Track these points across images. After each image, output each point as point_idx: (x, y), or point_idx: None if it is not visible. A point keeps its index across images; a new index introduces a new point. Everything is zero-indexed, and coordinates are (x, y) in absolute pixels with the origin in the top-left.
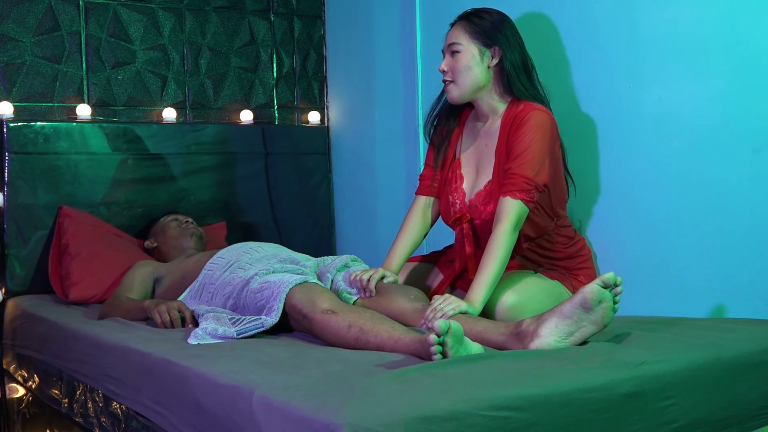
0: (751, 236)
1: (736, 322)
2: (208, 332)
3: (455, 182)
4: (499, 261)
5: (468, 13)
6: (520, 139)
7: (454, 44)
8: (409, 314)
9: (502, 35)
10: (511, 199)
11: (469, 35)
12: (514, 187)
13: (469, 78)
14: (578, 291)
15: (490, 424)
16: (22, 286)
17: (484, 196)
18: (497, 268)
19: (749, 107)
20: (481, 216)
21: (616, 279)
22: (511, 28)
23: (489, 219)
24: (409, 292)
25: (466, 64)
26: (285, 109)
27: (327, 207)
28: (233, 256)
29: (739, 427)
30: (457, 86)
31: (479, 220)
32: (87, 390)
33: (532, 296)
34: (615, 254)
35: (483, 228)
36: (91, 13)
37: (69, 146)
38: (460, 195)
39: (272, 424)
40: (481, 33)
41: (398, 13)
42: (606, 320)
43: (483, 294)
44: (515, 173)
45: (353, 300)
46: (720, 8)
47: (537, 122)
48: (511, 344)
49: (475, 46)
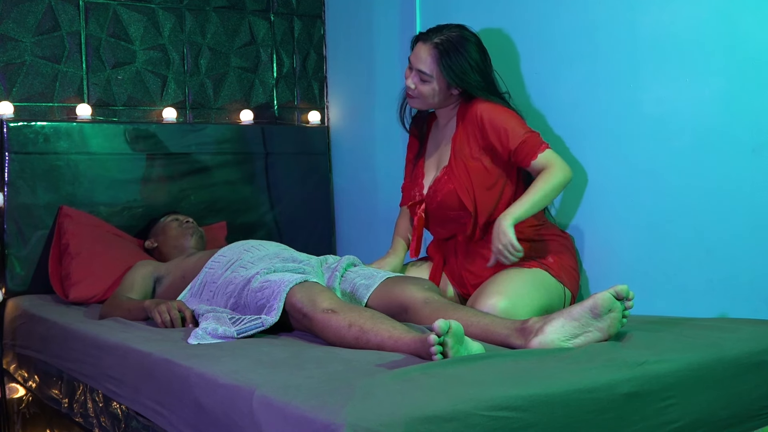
0: (751, 236)
1: (737, 322)
2: (208, 332)
3: (418, 179)
4: (539, 190)
5: (446, 43)
6: (494, 125)
7: (423, 73)
8: (419, 304)
9: (473, 71)
10: (540, 154)
11: (439, 69)
12: (531, 149)
13: (434, 101)
14: (590, 296)
15: (491, 424)
16: (22, 286)
17: (438, 179)
18: (537, 196)
19: (749, 107)
20: (435, 199)
21: (629, 293)
22: (483, 60)
23: (445, 201)
24: (423, 282)
25: (434, 91)
26: (285, 109)
27: (327, 207)
28: (234, 254)
29: (740, 427)
30: (421, 102)
31: (434, 203)
32: (87, 390)
33: (521, 294)
34: (615, 254)
35: (437, 213)
36: (91, 13)
37: (69, 146)
38: (419, 189)
39: (272, 424)
40: (451, 73)
41: (398, 13)
42: (612, 330)
43: (517, 210)
44: (521, 142)
45: (369, 295)
46: (719, 8)
47: (489, 106)
48: (515, 339)
49: (443, 80)
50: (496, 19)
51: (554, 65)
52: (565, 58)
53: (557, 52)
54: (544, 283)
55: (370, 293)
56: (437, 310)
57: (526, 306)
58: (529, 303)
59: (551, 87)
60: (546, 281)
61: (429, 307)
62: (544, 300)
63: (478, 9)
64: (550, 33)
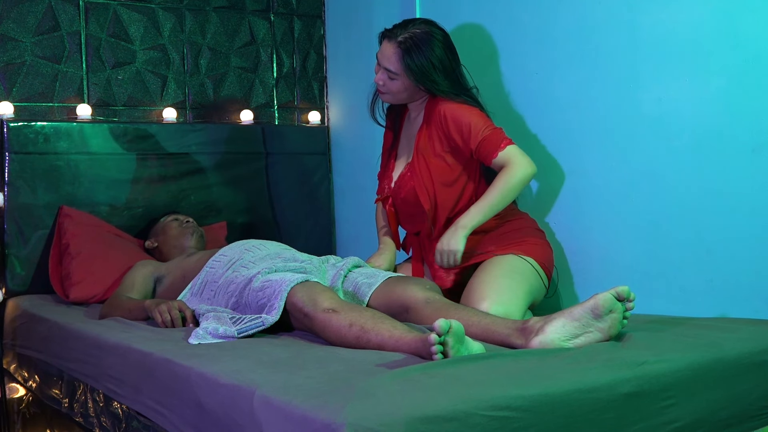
0: (751, 236)
1: (737, 322)
2: (208, 332)
3: (389, 171)
4: (497, 192)
5: (409, 40)
6: (457, 123)
7: (389, 71)
8: (421, 304)
9: (435, 70)
10: (500, 152)
11: (403, 68)
12: (492, 146)
13: (404, 95)
14: (591, 297)
15: (491, 424)
16: (23, 286)
17: (403, 175)
18: (495, 198)
19: (749, 107)
20: (399, 194)
21: (630, 294)
22: (449, 57)
23: (407, 198)
24: (424, 282)
25: (400, 87)
26: (285, 109)
27: (327, 207)
28: (235, 254)
29: (740, 427)
30: (391, 98)
31: (398, 198)
32: (87, 390)
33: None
34: (615, 254)
35: (402, 208)
36: (91, 13)
37: (69, 146)
38: (389, 181)
39: (273, 423)
40: (415, 72)
41: (398, 14)
42: (613, 331)
43: (474, 219)
44: (482, 139)
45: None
46: (720, 8)
47: (453, 106)
48: (516, 339)
49: (409, 79)
50: (496, 19)
51: (554, 65)
52: (564, 58)
53: (557, 52)
54: (519, 268)
55: (372, 291)
56: (438, 310)
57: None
58: (516, 297)
59: (551, 87)
60: (520, 266)
61: (430, 306)
62: (525, 285)
63: (478, 9)
64: (550, 33)
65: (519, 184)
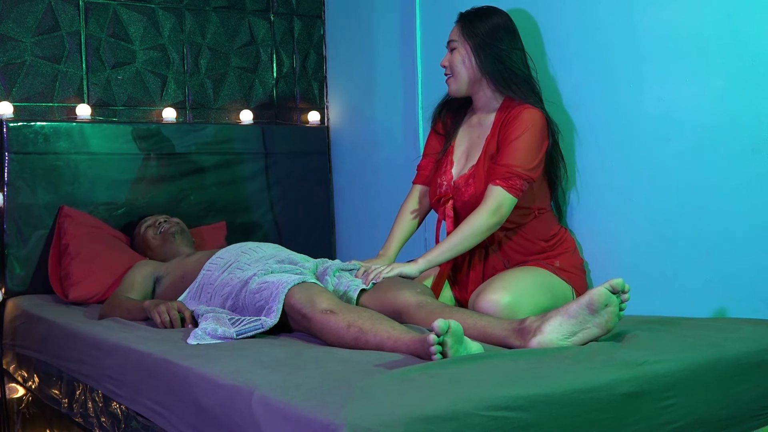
0: (751, 236)
1: (736, 322)
2: (207, 332)
3: (446, 166)
4: (462, 236)
5: (469, 12)
6: (509, 133)
7: (451, 41)
8: (413, 308)
9: (495, 39)
10: (491, 186)
11: (464, 35)
12: (495, 176)
13: (464, 74)
14: (586, 292)
15: (491, 424)
16: (22, 286)
17: (466, 179)
18: (458, 242)
19: (749, 107)
20: (462, 198)
21: (625, 285)
22: (509, 31)
23: (469, 202)
24: (416, 286)
25: (461, 60)
26: (285, 109)
27: (327, 207)
28: (232, 256)
29: (740, 427)
30: (455, 81)
31: (460, 202)
32: (87, 390)
33: (525, 292)
34: (615, 254)
35: (463, 211)
36: (91, 13)
37: (69, 146)
38: (448, 177)
39: (272, 424)
40: (474, 35)
41: (398, 13)
42: (610, 325)
43: (430, 259)
44: (498, 163)
45: (359, 293)
46: (720, 8)
47: (526, 118)
48: (513, 339)
49: (469, 45)
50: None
51: (554, 65)
52: (565, 57)
53: (557, 51)
54: (549, 283)
55: (361, 287)
56: (432, 313)
57: (529, 304)
58: (532, 301)
59: (551, 87)
60: (551, 282)
61: (423, 310)
62: (549, 301)
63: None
64: (551, 32)
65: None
